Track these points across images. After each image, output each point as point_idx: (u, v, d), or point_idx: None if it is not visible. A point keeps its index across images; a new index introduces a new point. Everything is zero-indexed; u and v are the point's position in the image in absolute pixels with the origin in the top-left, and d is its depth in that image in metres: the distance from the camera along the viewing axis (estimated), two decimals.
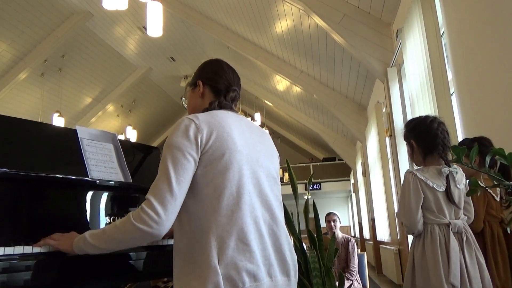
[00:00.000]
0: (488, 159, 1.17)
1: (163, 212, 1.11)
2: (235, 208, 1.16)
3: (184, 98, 1.51)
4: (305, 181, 12.17)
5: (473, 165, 1.17)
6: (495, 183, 1.15)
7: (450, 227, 1.74)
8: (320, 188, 16.36)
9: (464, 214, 1.85)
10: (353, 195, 13.72)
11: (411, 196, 1.79)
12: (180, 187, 1.13)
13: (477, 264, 1.71)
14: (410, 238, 2.70)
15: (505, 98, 2.49)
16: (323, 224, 4.21)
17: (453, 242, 1.71)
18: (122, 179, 1.63)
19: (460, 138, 3.15)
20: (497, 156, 1.09)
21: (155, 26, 4.54)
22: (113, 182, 1.56)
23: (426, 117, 1.94)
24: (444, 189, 1.77)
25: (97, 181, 1.52)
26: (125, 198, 1.61)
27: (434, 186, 1.77)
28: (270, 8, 6.99)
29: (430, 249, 1.74)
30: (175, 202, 1.13)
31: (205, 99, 1.38)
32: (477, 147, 1.18)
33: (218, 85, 1.38)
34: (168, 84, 13.10)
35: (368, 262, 6.48)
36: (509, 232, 1.92)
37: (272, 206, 1.25)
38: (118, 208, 1.56)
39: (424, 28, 3.65)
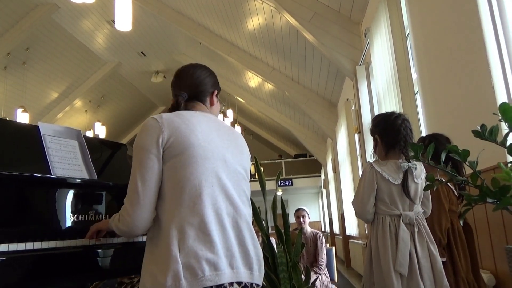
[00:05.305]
0: (443, 155, 1.23)
1: (133, 213, 1.20)
2: (197, 200, 1.19)
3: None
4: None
5: (428, 161, 1.23)
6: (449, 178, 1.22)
7: (401, 218, 1.81)
8: (291, 184, 16.53)
9: (421, 208, 1.93)
10: (324, 191, 13.95)
11: (365, 186, 1.87)
12: (146, 186, 1.20)
13: (429, 255, 1.78)
14: None
15: (464, 98, 2.61)
16: (293, 219, 4.28)
17: (403, 232, 1.78)
18: (86, 176, 1.61)
19: (423, 134, 3.26)
20: (452, 153, 1.15)
21: (124, 20, 4.45)
22: (78, 180, 1.54)
23: (391, 113, 2.00)
24: (399, 182, 1.84)
25: (61, 178, 1.49)
26: (90, 196, 1.59)
27: (390, 178, 1.84)
28: (242, 5, 6.98)
29: (382, 238, 1.82)
30: (143, 201, 1.19)
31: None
32: (433, 145, 1.24)
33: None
34: (138, 80, 12.85)
35: (337, 256, 6.63)
36: (461, 224, 2.02)
37: (235, 200, 1.28)
38: (82, 205, 1.53)
39: (390, 28, 3.75)
